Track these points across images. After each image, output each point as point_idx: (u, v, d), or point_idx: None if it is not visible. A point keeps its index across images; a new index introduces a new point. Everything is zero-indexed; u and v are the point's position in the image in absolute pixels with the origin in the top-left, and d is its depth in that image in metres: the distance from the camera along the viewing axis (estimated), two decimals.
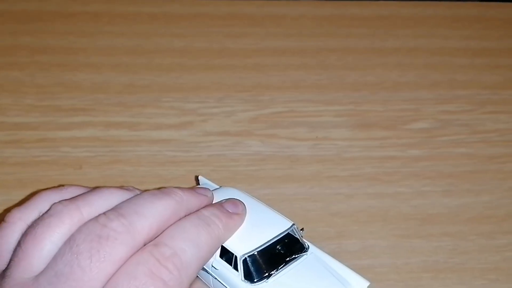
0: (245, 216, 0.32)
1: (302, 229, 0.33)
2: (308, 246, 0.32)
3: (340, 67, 0.51)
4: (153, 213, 0.26)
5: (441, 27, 0.56)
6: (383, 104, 0.48)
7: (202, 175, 0.36)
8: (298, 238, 0.32)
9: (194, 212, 0.29)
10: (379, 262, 0.40)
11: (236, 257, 0.30)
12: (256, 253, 0.30)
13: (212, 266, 0.31)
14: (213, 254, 0.30)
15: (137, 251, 0.25)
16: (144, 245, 0.26)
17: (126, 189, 0.29)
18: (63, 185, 0.29)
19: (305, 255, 0.32)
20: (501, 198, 0.43)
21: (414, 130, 0.47)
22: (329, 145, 0.45)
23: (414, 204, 0.42)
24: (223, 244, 0.30)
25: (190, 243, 0.27)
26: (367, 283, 0.31)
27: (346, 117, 0.47)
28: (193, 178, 0.42)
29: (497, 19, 0.58)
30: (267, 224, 0.32)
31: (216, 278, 0.31)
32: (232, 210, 0.31)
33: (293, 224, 0.32)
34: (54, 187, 0.29)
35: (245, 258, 0.30)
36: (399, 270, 0.39)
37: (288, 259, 0.31)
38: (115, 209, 0.26)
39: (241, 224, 0.31)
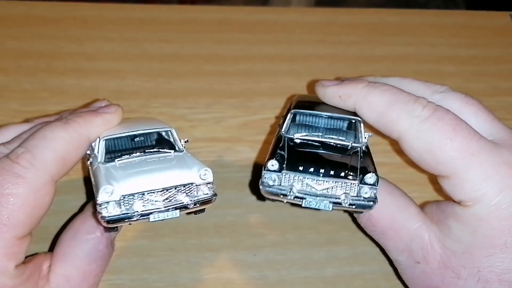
0: (118, 115, 0.34)
1: (186, 141, 0.35)
2: (182, 150, 0.34)
3: (329, 74, 0.51)
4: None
5: (429, 35, 0.57)
6: None
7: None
8: (172, 140, 0.34)
9: None
10: (369, 268, 0.40)
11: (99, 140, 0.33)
12: (113, 138, 0.33)
13: (99, 163, 0.32)
14: (78, 147, 0.32)
15: None
16: None
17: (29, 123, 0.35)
18: None
19: (171, 152, 0.33)
20: None
21: None
22: None
23: None
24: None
25: (43, 140, 0.30)
26: (204, 168, 0.32)
27: None
28: None
29: (484, 27, 0.58)
30: (146, 124, 0.35)
31: (95, 171, 0.32)
32: (102, 110, 0.34)
33: (170, 129, 0.34)
34: None
35: (102, 140, 0.32)
36: (389, 277, 0.39)
37: (147, 150, 0.33)
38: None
39: (114, 122, 0.34)
